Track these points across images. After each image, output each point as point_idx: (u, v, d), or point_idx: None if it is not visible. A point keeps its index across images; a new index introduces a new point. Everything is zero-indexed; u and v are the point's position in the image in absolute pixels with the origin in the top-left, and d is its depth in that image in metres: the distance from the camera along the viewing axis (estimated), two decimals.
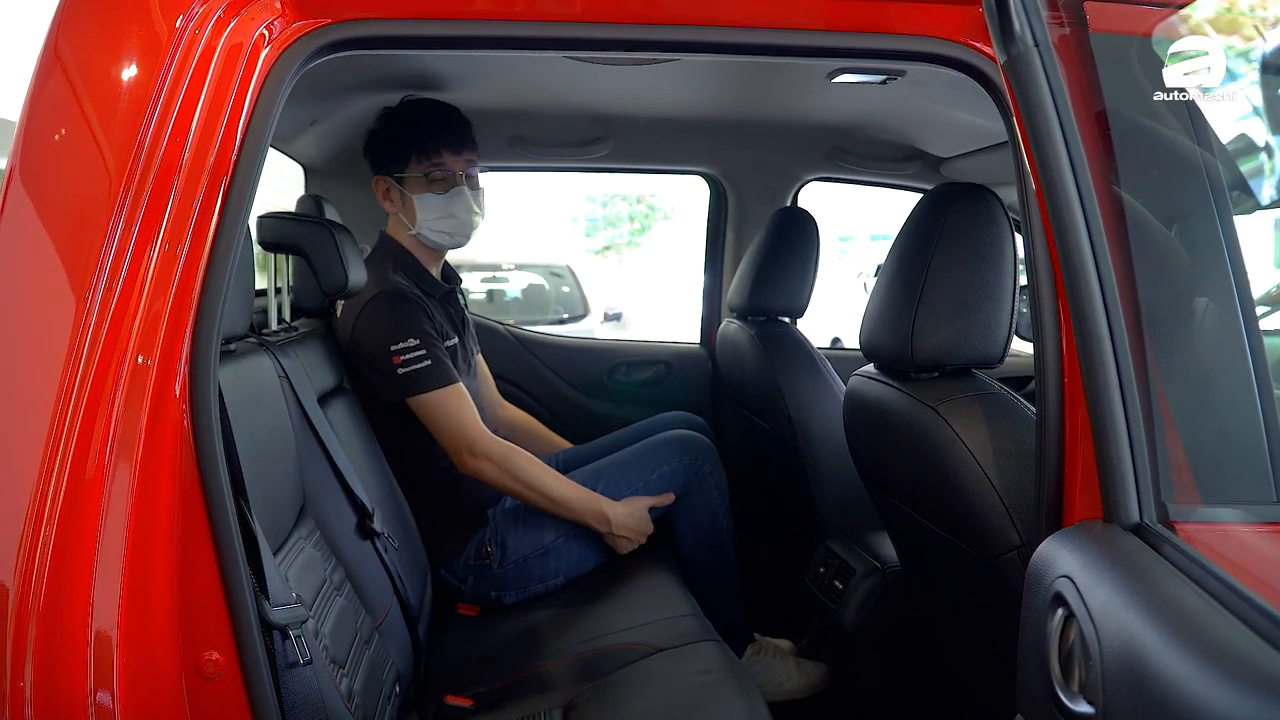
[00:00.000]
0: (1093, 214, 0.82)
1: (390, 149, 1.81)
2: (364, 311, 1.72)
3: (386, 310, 1.71)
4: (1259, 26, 0.96)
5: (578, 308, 6.59)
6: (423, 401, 1.70)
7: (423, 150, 1.78)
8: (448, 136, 1.80)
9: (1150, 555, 0.72)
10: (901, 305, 1.23)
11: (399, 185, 1.81)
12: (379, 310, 1.71)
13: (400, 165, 1.80)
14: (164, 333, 0.84)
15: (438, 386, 1.69)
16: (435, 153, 1.78)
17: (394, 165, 1.81)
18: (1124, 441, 0.79)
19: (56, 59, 0.87)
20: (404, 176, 1.80)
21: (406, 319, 1.70)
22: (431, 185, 1.79)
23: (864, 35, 1.01)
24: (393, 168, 1.81)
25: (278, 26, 0.94)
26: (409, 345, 1.67)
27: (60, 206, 0.84)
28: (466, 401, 1.73)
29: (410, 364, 1.67)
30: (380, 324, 1.70)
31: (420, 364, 1.67)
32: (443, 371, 1.70)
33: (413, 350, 1.67)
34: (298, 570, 1.18)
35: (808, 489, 1.99)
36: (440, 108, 1.83)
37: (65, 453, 0.79)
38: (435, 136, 1.79)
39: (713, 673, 1.39)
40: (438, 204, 1.80)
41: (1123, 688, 0.64)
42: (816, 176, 2.69)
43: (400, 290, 1.74)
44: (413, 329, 1.69)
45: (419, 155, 1.78)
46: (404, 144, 1.79)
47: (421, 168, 1.79)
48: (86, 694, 0.78)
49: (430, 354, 1.68)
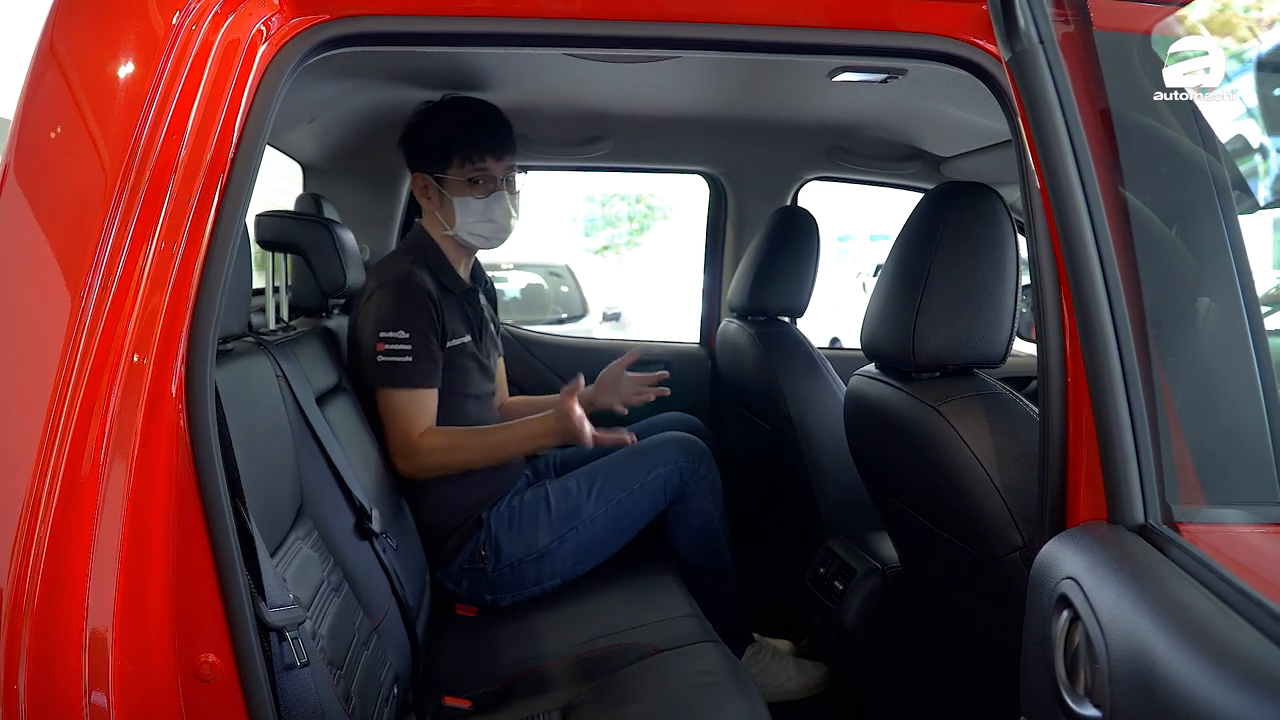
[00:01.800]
0: (1097, 213, 0.82)
1: (431, 147, 1.80)
2: (373, 295, 1.74)
3: (390, 298, 1.72)
4: (1255, 27, 0.95)
5: (577, 308, 6.59)
6: (388, 395, 1.70)
7: (465, 153, 1.77)
8: (491, 141, 1.79)
9: (1156, 557, 0.71)
10: (903, 305, 1.23)
11: (438, 185, 1.81)
12: (384, 296, 1.72)
13: (441, 165, 1.79)
14: (160, 331, 0.83)
15: (406, 385, 1.69)
16: (479, 157, 1.78)
17: (434, 164, 1.80)
18: (1128, 442, 0.78)
19: (52, 55, 0.86)
20: (444, 177, 1.80)
21: (406, 312, 1.70)
22: (472, 189, 1.79)
23: (867, 33, 1.01)
24: (433, 167, 1.80)
25: (275, 23, 0.93)
26: (398, 336, 1.68)
27: (56, 204, 0.84)
28: (421, 408, 1.72)
29: (391, 355, 1.67)
30: (380, 309, 1.71)
31: (400, 358, 1.67)
32: (419, 372, 1.70)
33: (399, 342, 1.67)
34: (295, 571, 1.17)
35: (808, 489, 1.99)
36: (484, 109, 1.82)
37: (60, 452, 0.78)
38: (479, 140, 1.78)
39: (713, 673, 1.39)
40: (478, 207, 1.80)
41: (1131, 691, 0.63)
42: (817, 176, 2.69)
43: (412, 284, 1.74)
44: (408, 323, 1.69)
45: (461, 158, 1.78)
46: (446, 144, 1.78)
47: (464, 171, 1.78)
48: (81, 696, 0.77)
49: (415, 352, 1.68)
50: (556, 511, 1.80)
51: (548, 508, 1.80)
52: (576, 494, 1.81)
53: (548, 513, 1.79)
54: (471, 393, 1.84)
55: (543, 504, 1.80)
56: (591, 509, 1.80)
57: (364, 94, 1.94)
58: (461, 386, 1.81)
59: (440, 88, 1.91)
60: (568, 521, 1.79)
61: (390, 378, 1.69)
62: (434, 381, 1.73)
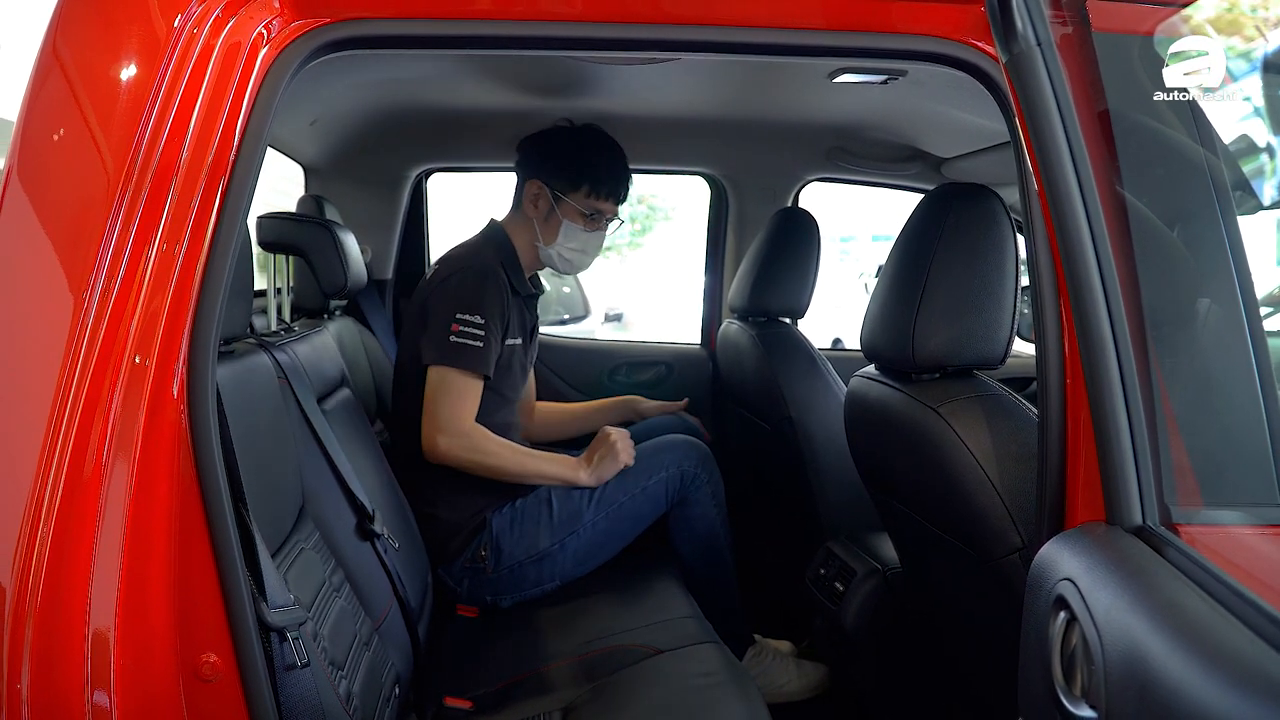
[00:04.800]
0: (1095, 214, 0.82)
1: (564, 166, 1.86)
2: (456, 275, 1.76)
3: (476, 282, 1.75)
4: (1259, 26, 0.95)
5: (578, 308, 6.58)
6: (446, 373, 1.72)
7: (595, 188, 1.85)
8: (619, 186, 1.88)
9: (1153, 558, 0.71)
10: (902, 306, 1.23)
11: (554, 201, 1.85)
12: (470, 278, 1.75)
13: (566, 186, 1.85)
14: (162, 333, 0.84)
15: (467, 368, 1.72)
16: (605, 196, 1.86)
17: (560, 182, 1.86)
18: (1126, 443, 0.78)
19: (55, 58, 0.87)
20: (564, 199, 1.85)
21: (488, 299, 1.74)
22: (585, 220, 1.86)
23: (866, 34, 1.01)
24: (558, 184, 1.86)
25: (276, 26, 0.94)
26: (474, 320, 1.71)
27: (58, 206, 0.84)
28: (474, 395, 1.75)
29: (464, 336, 1.70)
30: (463, 290, 1.73)
31: (472, 341, 1.70)
32: (482, 359, 1.72)
33: (474, 326, 1.71)
34: (297, 572, 1.17)
35: (808, 490, 1.99)
36: (620, 153, 1.90)
37: (63, 453, 0.78)
38: (611, 181, 1.86)
39: (713, 674, 1.39)
40: (580, 238, 1.88)
41: (1126, 692, 0.64)
42: (817, 177, 2.69)
43: (497, 275, 1.78)
44: (487, 310, 1.72)
45: (591, 189, 1.85)
46: (581, 170, 1.85)
47: (587, 203, 1.86)
48: (83, 695, 0.77)
49: (485, 339, 1.71)
50: (558, 514, 1.80)
51: (549, 510, 1.80)
52: (578, 497, 1.82)
53: (549, 515, 1.80)
54: (508, 394, 1.88)
55: (544, 506, 1.81)
56: (592, 513, 1.81)
57: (363, 96, 1.94)
58: (502, 386, 1.84)
59: (437, 90, 1.92)
60: (568, 525, 1.80)
61: (457, 358, 1.71)
62: (490, 372, 1.75)
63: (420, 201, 2.80)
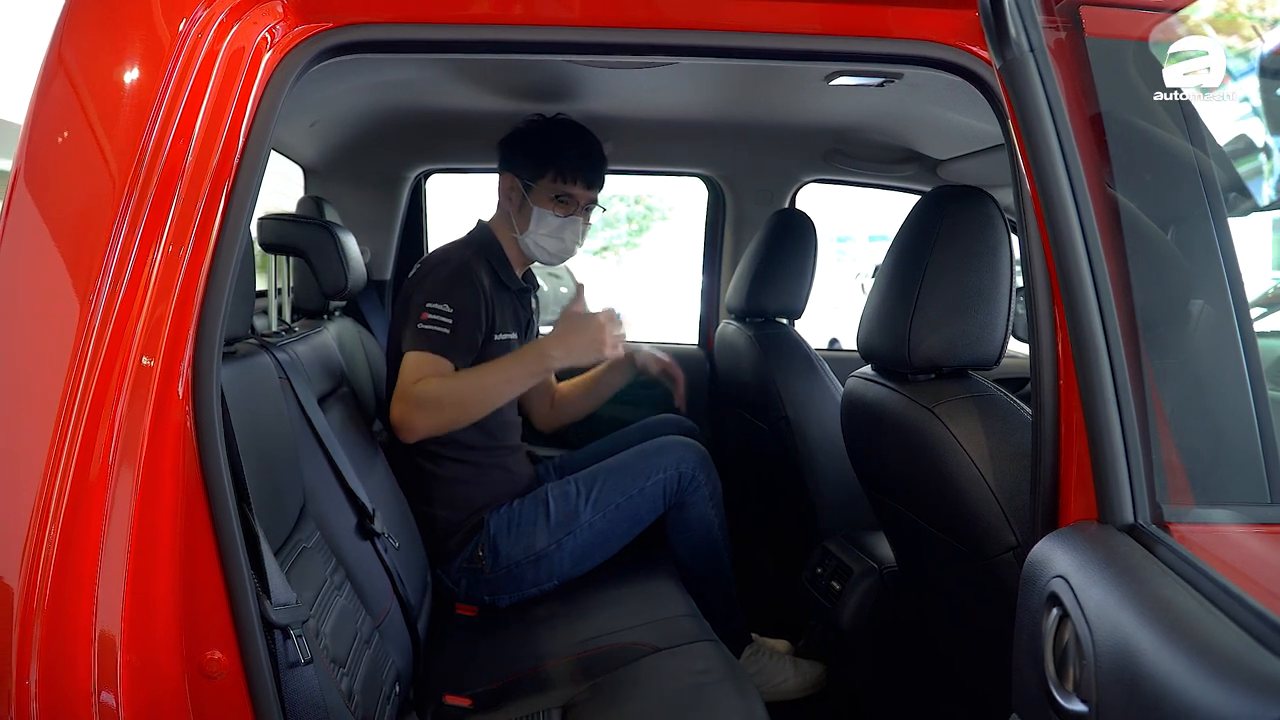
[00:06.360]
0: (1088, 216, 0.83)
1: (531, 156, 1.88)
2: (431, 271, 1.80)
3: (448, 275, 1.78)
4: (1257, 28, 0.96)
5: None
6: (411, 357, 1.71)
7: (561, 172, 1.86)
8: (588, 170, 1.88)
9: (1144, 556, 0.73)
10: (898, 307, 1.24)
11: (524, 191, 1.88)
12: (443, 271, 1.79)
13: (534, 174, 1.87)
14: (167, 334, 0.84)
15: (433, 351, 1.71)
16: (571, 179, 1.87)
17: (528, 171, 1.88)
18: (1118, 442, 0.79)
19: (60, 63, 0.88)
20: (533, 186, 1.87)
21: (456, 290, 1.75)
22: (555, 205, 1.88)
23: (861, 39, 1.02)
24: (526, 173, 1.88)
25: (279, 31, 0.95)
26: (442, 309, 1.72)
27: (64, 209, 0.85)
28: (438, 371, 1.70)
29: (431, 324, 1.71)
30: (436, 283, 1.76)
31: (439, 328, 1.71)
32: (449, 344, 1.72)
33: (442, 314, 1.72)
34: (298, 570, 1.18)
35: (805, 490, 2.00)
36: (590, 139, 1.91)
37: (69, 453, 0.79)
38: (578, 165, 1.87)
39: (711, 673, 1.40)
40: (553, 224, 1.88)
41: (1116, 686, 0.65)
42: (814, 178, 2.71)
43: (468, 271, 1.79)
44: (455, 299, 1.74)
45: (556, 174, 1.86)
46: (546, 157, 1.87)
47: (553, 187, 1.87)
48: (90, 693, 0.78)
49: (454, 327, 1.72)
50: (555, 515, 1.81)
51: (546, 511, 1.81)
52: (575, 498, 1.82)
53: (546, 516, 1.81)
54: None
55: (541, 507, 1.81)
56: (589, 514, 1.81)
57: (362, 98, 1.95)
58: None
59: (437, 91, 1.92)
60: (565, 525, 1.80)
61: (424, 342, 1.71)
62: (458, 360, 1.73)
63: (419, 202, 2.81)
